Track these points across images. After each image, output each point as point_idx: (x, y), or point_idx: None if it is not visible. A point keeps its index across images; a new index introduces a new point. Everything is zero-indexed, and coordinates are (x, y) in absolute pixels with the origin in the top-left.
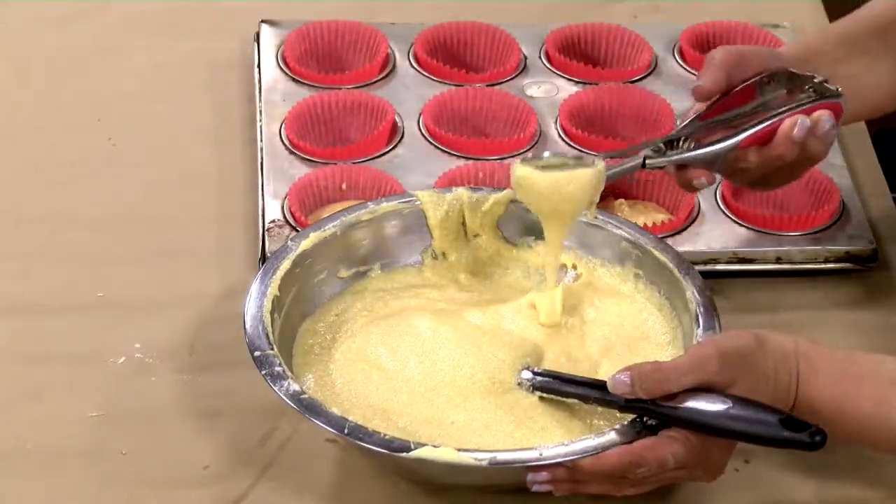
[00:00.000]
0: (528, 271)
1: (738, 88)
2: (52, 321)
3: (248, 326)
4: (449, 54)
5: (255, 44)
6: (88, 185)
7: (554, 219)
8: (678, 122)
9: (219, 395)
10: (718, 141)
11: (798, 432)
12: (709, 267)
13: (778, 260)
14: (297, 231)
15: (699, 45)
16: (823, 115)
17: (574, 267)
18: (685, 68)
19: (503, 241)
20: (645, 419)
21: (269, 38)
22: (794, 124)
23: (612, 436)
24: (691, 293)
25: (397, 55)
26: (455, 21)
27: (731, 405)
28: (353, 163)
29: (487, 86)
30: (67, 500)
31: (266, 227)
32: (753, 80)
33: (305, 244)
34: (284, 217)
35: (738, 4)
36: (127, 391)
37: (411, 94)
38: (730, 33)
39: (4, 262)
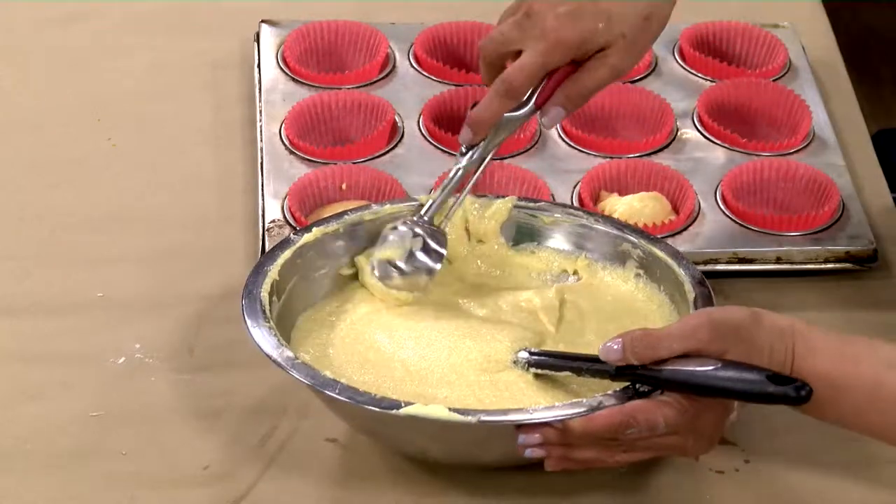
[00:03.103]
0: (531, 276)
1: None
2: (52, 321)
3: (244, 302)
4: (449, 54)
5: (255, 44)
6: (88, 185)
7: None
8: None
9: (219, 395)
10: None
11: (784, 386)
12: (709, 267)
13: (778, 260)
14: (298, 231)
15: (699, 45)
16: None
17: (575, 272)
18: (685, 68)
19: (506, 246)
20: (637, 386)
21: (269, 38)
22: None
23: (602, 400)
24: (690, 288)
25: (397, 55)
26: (455, 21)
27: (719, 365)
28: (353, 163)
29: (487, 86)
30: (67, 500)
31: (266, 227)
32: None
33: (308, 237)
34: (284, 217)
35: (738, 4)
36: (127, 391)
37: (411, 94)
38: (730, 33)
39: (4, 262)
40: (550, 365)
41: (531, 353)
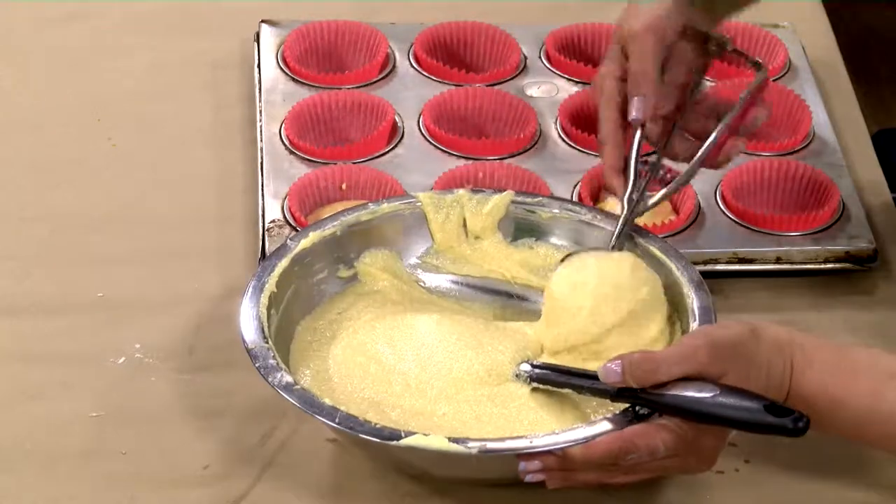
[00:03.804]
0: (529, 272)
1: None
2: (52, 321)
3: (242, 320)
4: (449, 54)
5: (255, 44)
6: (88, 185)
7: None
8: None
9: (219, 395)
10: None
11: (782, 418)
12: (709, 267)
13: (778, 260)
14: (297, 231)
15: None
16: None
17: None
18: None
19: (504, 242)
20: (637, 409)
21: (269, 38)
22: (734, 149)
23: (602, 425)
24: (689, 291)
25: (397, 55)
26: (455, 21)
27: (717, 392)
28: (353, 163)
29: (487, 86)
30: (67, 500)
31: (266, 227)
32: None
33: (305, 243)
34: (284, 217)
35: None
36: (127, 391)
37: (411, 94)
38: (730, 33)
39: (4, 262)
40: (552, 381)
41: (533, 366)
